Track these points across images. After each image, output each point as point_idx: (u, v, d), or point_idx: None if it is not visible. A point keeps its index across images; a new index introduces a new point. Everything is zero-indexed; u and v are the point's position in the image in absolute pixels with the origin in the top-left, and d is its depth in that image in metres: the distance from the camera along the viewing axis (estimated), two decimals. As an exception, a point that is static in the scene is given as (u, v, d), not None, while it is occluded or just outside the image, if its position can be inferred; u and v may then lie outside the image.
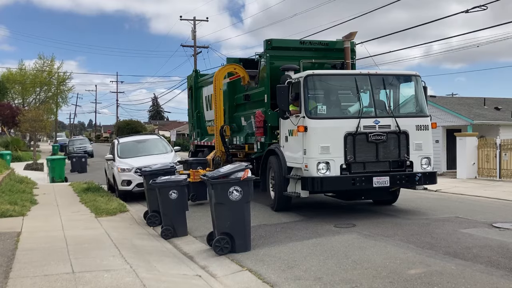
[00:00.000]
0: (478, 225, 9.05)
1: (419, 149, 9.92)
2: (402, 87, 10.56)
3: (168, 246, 8.45)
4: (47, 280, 5.61)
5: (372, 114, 9.84)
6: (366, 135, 9.53)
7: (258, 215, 10.31)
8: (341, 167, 9.45)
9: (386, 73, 10.64)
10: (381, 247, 7.42)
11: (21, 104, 54.60)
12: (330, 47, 12.50)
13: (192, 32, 41.62)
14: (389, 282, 5.74)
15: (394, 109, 10.05)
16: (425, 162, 10.00)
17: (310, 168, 9.44)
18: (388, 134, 9.67)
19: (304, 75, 9.91)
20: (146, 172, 10.70)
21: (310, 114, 9.66)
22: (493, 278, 5.79)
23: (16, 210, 10.67)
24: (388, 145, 9.71)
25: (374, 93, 10.09)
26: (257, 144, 12.10)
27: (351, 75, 10.37)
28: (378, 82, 10.24)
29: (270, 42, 11.93)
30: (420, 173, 9.88)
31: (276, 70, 11.34)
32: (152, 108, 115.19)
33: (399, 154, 9.76)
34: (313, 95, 10.03)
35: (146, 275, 5.96)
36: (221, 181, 7.37)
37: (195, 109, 17.52)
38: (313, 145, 9.45)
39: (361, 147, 9.52)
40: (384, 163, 9.70)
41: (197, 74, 17.97)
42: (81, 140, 49.55)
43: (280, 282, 5.97)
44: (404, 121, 9.86)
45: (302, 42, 12.61)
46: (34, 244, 7.67)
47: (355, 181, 9.42)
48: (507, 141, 19.05)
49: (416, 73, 10.56)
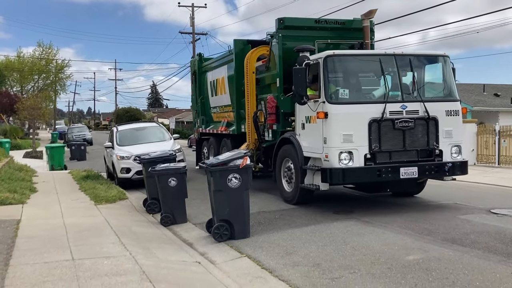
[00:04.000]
0: (476, 211, 9.09)
1: (449, 137, 9.17)
2: (430, 69, 9.78)
3: (168, 233, 8.48)
4: (47, 267, 5.64)
5: (399, 98, 9.03)
6: (393, 122, 8.73)
7: (258, 202, 10.33)
8: (365, 157, 8.66)
9: (413, 53, 9.73)
10: (380, 233, 7.46)
11: (20, 92, 54.43)
12: (347, 27, 11.65)
13: (190, 19, 41.46)
14: (387, 268, 5.78)
15: (422, 92, 9.23)
16: (455, 150, 9.28)
17: (331, 159, 8.65)
18: (416, 120, 8.86)
19: (323, 56, 9.02)
20: (145, 160, 10.71)
21: (330, 99, 8.77)
22: (491, 264, 5.83)
23: (15, 198, 10.69)
24: (416, 133, 8.92)
25: (400, 75, 9.25)
26: (268, 132, 11.39)
27: (376, 55, 9.48)
28: (404, 63, 9.35)
29: (282, 21, 11.06)
30: (451, 163, 9.14)
31: (288, 52, 10.52)
32: (151, 96, 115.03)
33: (428, 142, 8.99)
34: (334, 77, 9.14)
35: (146, 262, 5.99)
36: (220, 168, 7.37)
37: (199, 95, 16.94)
38: (334, 133, 8.64)
39: (387, 135, 8.75)
40: (411, 152, 8.93)
41: (201, 58, 17.25)
42: (80, 128, 49.58)
43: (278, 268, 6.00)
44: (433, 106, 9.06)
45: (317, 21, 11.78)
46: (34, 231, 7.69)
47: (381, 172, 8.66)
48: (506, 128, 19.07)
49: (445, 53, 9.76)
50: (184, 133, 47.73)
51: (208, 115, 16.52)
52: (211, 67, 15.72)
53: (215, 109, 15.80)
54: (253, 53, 12.42)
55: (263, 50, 12.24)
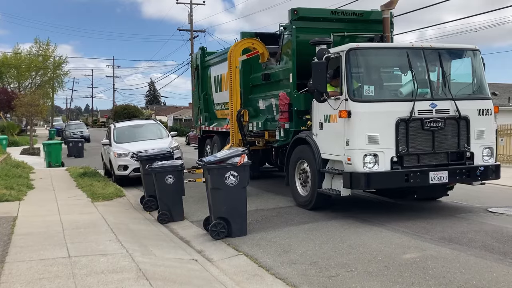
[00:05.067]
0: (474, 210, 9.10)
1: (480, 138, 8.53)
2: (460, 64, 9.10)
3: (165, 230, 8.47)
4: (43, 264, 5.62)
5: (428, 96, 8.31)
6: (421, 121, 8.04)
7: (255, 199, 10.32)
8: (392, 160, 7.97)
9: (442, 46, 8.96)
10: (377, 231, 7.46)
11: (17, 88, 54.30)
12: (365, 18, 10.90)
13: (189, 16, 41.44)
14: (384, 267, 5.78)
15: (452, 90, 8.49)
16: (487, 153, 8.69)
17: (355, 162, 7.93)
18: (447, 120, 8.19)
19: (346, 49, 8.27)
20: (143, 157, 10.68)
21: (354, 96, 8.05)
22: (487, 262, 5.84)
23: (12, 195, 10.67)
24: (446, 133, 8.24)
25: (429, 71, 8.52)
26: (280, 131, 10.56)
27: (403, 48, 8.73)
28: (433, 57, 8.62)
29: (296, 12, 10.34)
30: (483, 166, 8.53)
31: (303, 45, 9.87)
32: (149, 93, 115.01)
33: (459, 144, 8.31)
34: (357, 73, 8.40)
35: (143, 259, 5.98)
36: (218, 166, 7.36)
37: (202, 90, 16.30)
38: (358, 133, 7.92)
39: (415, 136, 8.05)
40: (441, 155, 8.25)
41: (204, 52, 16.51)
42: (78, 125, 49.42)
43: (275, 266, 6.00)
44: (464, 104, 8.38)
45: (333, 12, 11.06)
46: (30, 228, 7.68)
47: (409, 177, 7.95)
48: (504, 126, 19.09)
49: (476, 47, 9.02)
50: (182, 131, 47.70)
51: (212, 111, 15.92)
52: (215, 62, 15.12)
53: (219, 105, 15.19)
54: (237, 46, 11.99)
55: (248, 43, 11.83)
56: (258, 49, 11.69)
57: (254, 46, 11.76)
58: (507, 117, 22.28)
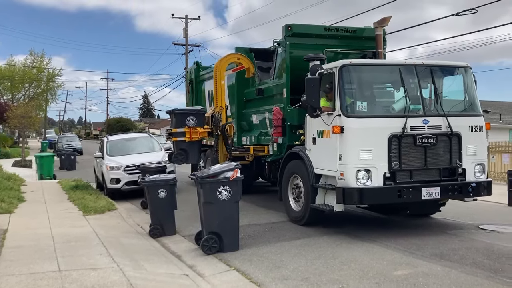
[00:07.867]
0: (465, 227, 9.14)
1: (472, 154, 8.59)
2: (452, 81, 9.22)
3: (156, 245, 8.43)
4: (33, 278, 5.58)
5: (420, 112, 8.44)
6: (414, 138, 8.10)
7: (248, 214, 10.30)
8: (385, 176, 8.01)
9: (434, 63, 9.17)
10: (369, 247, 7.46)
11: (10, 100, 54.04)
12: (359, 35, 11.05)
13: (184, 30, 41.60)
14: (375, 283, 5.78)
15: (444, 106, 8.58)
16: (479, 169, 8.73)
17: (347, 177, 7.97)
18: (439, 136, 8.27)
19: (339, 65, 8.39)
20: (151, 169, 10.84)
21: (347, 112, 8.12)
22: (478, 280, 5.86)
23: (3, 208, 10.60)
24: (438, 150, 8.32)
25: (421, 87, 8.65)
26: (273, 145, 10.62)
27: (395, 65, 8.87)
28: (425, 74, 8.74)
29: (290, 28, 10.44)
30: (475, 183, 8.57)
31: (296, 61, 9.99)
32: (143, 106, 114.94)
33: (451, 160, 8.37)
34: (350, 89, 8.49)
35: (133, 274, 5.94)
36: (210, 180, 7.36)
37: (196, 105, 16.16)
38: (351, 149, 7.97)
39: (407, 151, 8.11)
40: (433, 170, 8.31)
41: (199, 66, 16.58)
42: (71, 137, 49.19)
43: (267, 282, 5.98)
44: (456, 120, 8.47)
45: (326, 29, 11.16)
46: (20, 241, 7.61)
47: (401, 192, 7.99)
48: (495, 144, 19.24)
49: (468, 64, 9.17)
50: (175, 144, 47.39)
51: None
52: (210, 76, 14.85)
53: None
54: (222, 61, 12.22)
55: (233, 58, 12.01)
56: (244, 64, 11.86)
57: (239, 61, 11.93)
58: (498, 135, 22.50)
